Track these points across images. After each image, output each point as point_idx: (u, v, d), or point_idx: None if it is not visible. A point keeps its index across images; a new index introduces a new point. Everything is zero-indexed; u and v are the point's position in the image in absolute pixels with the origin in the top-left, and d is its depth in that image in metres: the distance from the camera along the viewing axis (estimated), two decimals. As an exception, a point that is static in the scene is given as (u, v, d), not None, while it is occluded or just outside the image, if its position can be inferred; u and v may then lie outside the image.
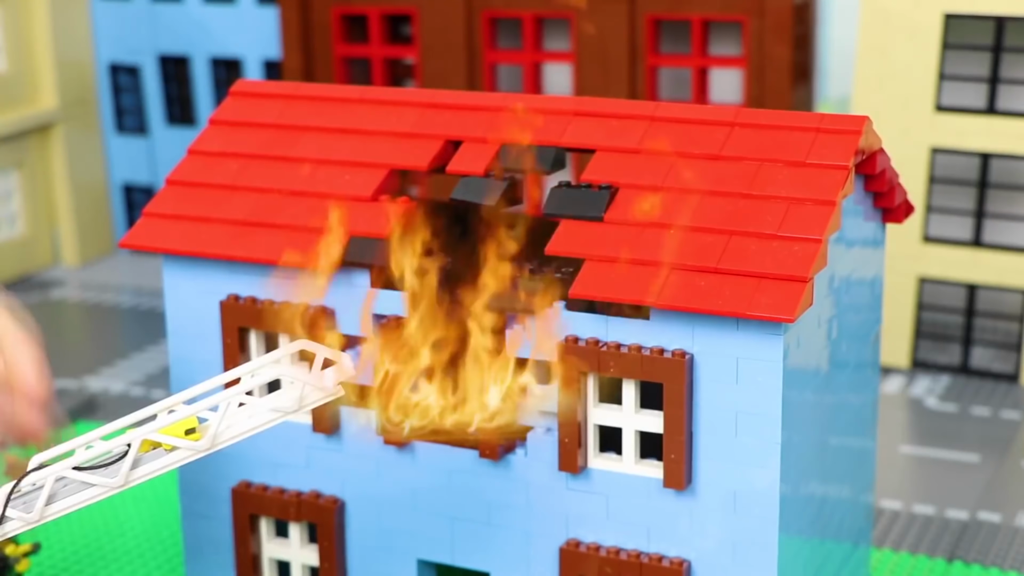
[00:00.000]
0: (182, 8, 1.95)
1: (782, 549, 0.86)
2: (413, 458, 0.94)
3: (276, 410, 0.72)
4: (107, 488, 0.71)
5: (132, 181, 2.05)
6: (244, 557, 1.00)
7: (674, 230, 0.85)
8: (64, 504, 0.71)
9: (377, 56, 1.81)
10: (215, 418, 0.71)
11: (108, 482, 0.70)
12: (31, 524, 0.71)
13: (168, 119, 2.01)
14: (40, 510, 0.70)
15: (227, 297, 0.96)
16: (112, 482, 0.71)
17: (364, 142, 0.97)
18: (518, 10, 1.72)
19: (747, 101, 1.63)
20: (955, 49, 1.53)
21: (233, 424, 0.72)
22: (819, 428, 0.91)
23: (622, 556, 0.89)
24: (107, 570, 1.17)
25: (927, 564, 1.16)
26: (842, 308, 0.93)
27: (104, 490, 0.71)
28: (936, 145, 1.55)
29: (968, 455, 1.37)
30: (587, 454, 0.89)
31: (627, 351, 0.85)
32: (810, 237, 0.83)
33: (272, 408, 0.72)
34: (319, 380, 0.72)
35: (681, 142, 0.90)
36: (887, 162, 0.94)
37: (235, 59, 1.94)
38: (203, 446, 0.71)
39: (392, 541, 0.96)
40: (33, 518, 0.70)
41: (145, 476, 0.71)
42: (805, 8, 1.65)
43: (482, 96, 0.98)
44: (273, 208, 0.96)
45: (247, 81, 1.05)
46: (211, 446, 0.71)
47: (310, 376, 0.72)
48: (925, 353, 1.60)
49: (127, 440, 0.71)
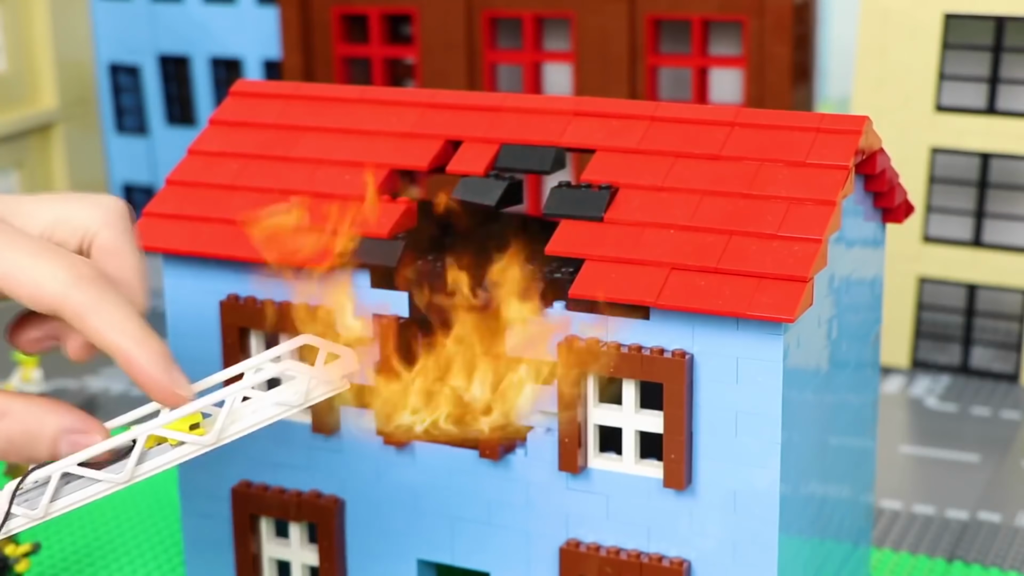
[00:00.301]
0: (182, 8, 1.95)
1: (782, 549, 0.86)
2: (413, 458, 0.94)
3: (281, 404, 0.72)
4: (112, 484, 0.71)
5: (132, 181, 2.05)
6: (244, 557, 1.00)
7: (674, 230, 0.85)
8: (69, 500, 0.71)
9: (377, 56, 1.81)
10: (220, 412, 0.71)
11: (113, 478, 0.71)
12: (36, 520, 0.71)
13: (168, 119, 2.01)
14: (45, 506, 0.70)
15: (227, 297, 0.96)
16: (117, 478, 0.71)
17: (364, 142, 0.97)
18: (518, 10, 1.72)
19: (747, 101, 1.63)
20: (955, 49, 1.53)
21: (238, 419, 0.72)
22: (819, 428, 0.91)
23: (622, 556, 0.89)
24: (107, 570, 1.17)
25: (927, 564, 1.16)
26: (842, 308, 0.93)
27: (109, 486, 0.71)
28: (936, 145, 1.55)
29: (968, 455, 1.37)
30: (587, 454, 0.89)
31: (627, 351, 0.85)
32: (810, 237, 0.83)
33: (277, 402, 0.72)
34: (324, 373, 0.72)
35: (681, 142, 0.90)
36: (887, 162, 0.94)
37: (235, 59, 1.94)
38: (208, 440, 0.71)
39: (392, 541, 0.96)
40: (38, 515, 0.70)
41: (150, 471, 0.71)
42: (805, 8, 1.65)
43: (482, 96, 0.98)
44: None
45: (247, 81, 1.05)
46: (216, 440, 0.71)
47: (315, 370, 0.72)
48: (925, 353, 1.60)
49: (132, 436, 0.71)
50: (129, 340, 0.70)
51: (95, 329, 0.70)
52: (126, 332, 0.71)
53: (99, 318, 0.70)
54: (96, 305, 0.70)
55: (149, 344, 0.71)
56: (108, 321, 0.70)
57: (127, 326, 0.71)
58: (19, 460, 0.72)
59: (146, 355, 0.71)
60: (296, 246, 0.86)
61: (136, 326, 0.71)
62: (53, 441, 0.71)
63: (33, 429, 0.71)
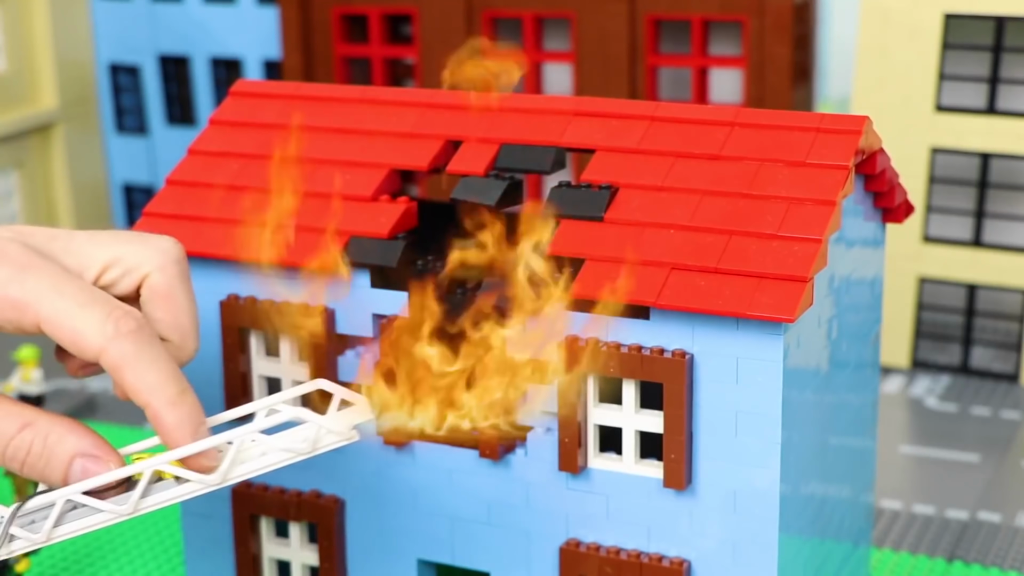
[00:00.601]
0: (182, 8, 1.95)
1: (782, 549, 0.86)
2: (413, 458, 0.94)
3: (288, 451, 0.72)
4: (116, 515, 0.71)
5: (132, 181, 2.05)
6: (244, 557, 1.00)
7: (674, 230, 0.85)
8: (72, 527, 0.71)
9: (377, 56, 1.81)
10: (228, 454, 0.71)
11: (117, 509, 0.71)
12: (37, 544, 0.71)
13: (168, 119, 2.01)
14: (48, 531, 0.71)
15: (227, 297, 0.96)
16: (121, 509, 0.71)
17: (364, 142, 0.97)
18: (518, 10, 1.72)
19: (747, 101, 1.63)
20: (955, 49, 1.53)
21: (245, 460, 0.72)
22: (819, 428, 0.91)
23: (622, 556, 0.89)
24: (107, 570, 1.17)
25: (927, 564, 1.16)
26: (842, 308, 0.93)
27: (112, 516, 0.71)
28: (936, 145, 1.55)
29: (968, 455, 1.37)
30: (587, 454, 0.89)
31: (627, 351, 0.85)
32: (810, 237, 0.83)
33: (284, 448, 0.72)
34: (335, 423, 0.72)
35: (681, 142, 0.90)
36: (887, 162, 0.94)
37: (235, 59, 1.94)
38: (214, 480, 0.71)
39: (392, 541, 0.96)
40: (40, 539, 0.71)
41: (154, 506, 0.72)
42: (805, 8, 1.65)
43: (482, 96, 0.98)
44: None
45: (247, 81, 1.05)
46: (222, 481, 0.72)
47: (325, 419, 0.72)
48: (925, 353, 1.60)
49: (139, 469, 0.71)
50: (160, 400, 0.71)
51: (130, 384, 0.71)
52: (158, 391, 0.71)
53: (134, 374, 0.71)
54: (134, 361, 0.71)
55: (180, 408, 0.71)
56: (143, 379, 0.71)
57: (162, 385, 0.71)
58: (31, 475, 0.72)
59: (175, 418, 0.71)
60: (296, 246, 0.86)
61: (170, 386, 0.71)
62: (68, 462, 0.71)
63: (52, 445, 0.71)
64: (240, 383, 0.97)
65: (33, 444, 0.71)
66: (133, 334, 0.71)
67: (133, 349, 0.71)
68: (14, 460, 0.71)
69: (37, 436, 0.71)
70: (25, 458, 0.71)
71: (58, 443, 0.71)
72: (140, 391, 0.71)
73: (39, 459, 0.71)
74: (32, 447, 0.71)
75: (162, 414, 0.71)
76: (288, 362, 0.96)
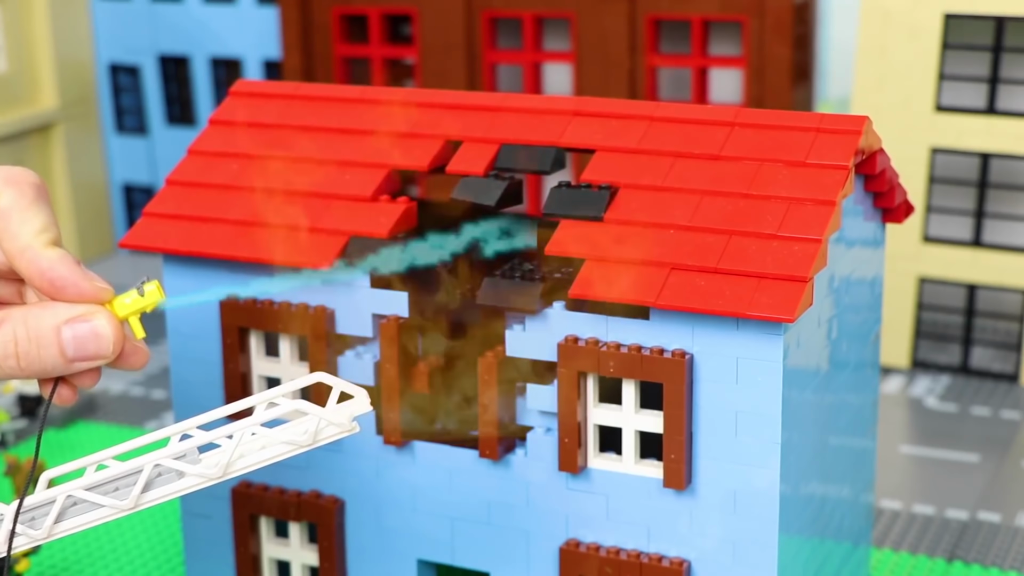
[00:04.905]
0: (182, 8, 1.95)
1: (782, 549, 0.86)
2: (413, 458, 0.94)
3: (289, 443, 0.72)
4: (117, 510, 0.71)
5: (132, 181, 2.05)
6: (244, 557, 1.00)
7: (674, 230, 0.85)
8: (73, 523, 0.71)
9: (377, 56, 1.81)
10: (228, 447, 0.71)
11: (118, 504, 0.71)
12: (38, 541, 0.71)
13: (168, 119, 2.01)
14: (48, 528, 0.71)
15: (227, 297, 0.96)
16: (122, 504, 0.71)
17: (364, 142, 0.97)
18: (518, 10, 1.72)
19: (747, 101, 1.63)
20: (955, 49, 1.53)
21: (246, 453, 0.72)
22: (819, 428, 0.91)
23: (622, 556, 0.89)
24: (107, 570, 1.17)
25: (927, 564, 1.16)
26: (842, 308, 0.93)
27: (114, 512, 0.71)
28: (936, 145, 1.55)
29: (968, 455, 1.37)
30: (587, 454, 0.89)
31: (627, 351, 0.85)
32: (810, 237, 0.83)
33: (285, 441, 0.72)
34: (335, 415, 0.72)
35: (681, 142, 0.90)
36: (887, 162, 0.94)
37: (235, 59, 1.94)
38: (214, 474, 0.71)
39: (392, 541, 0.96)
40: (41, 535, 0.71)
41: (155, 500, 0.72)
42: (805, 8, 1.65)
43: (482, 96, 0.98)
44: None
45: (247, 81, 1.05)
46: (223, 475, 0.72)
47: (326, 411, 0.72)
48: (925, 353, 1.60)
49: (140, 464, 0.71)
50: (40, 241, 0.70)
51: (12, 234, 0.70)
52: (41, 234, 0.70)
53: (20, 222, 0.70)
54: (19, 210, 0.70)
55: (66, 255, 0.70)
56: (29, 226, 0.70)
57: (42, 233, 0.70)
58: (31, 370, 0.69)
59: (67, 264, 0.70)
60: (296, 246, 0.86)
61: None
62: (57, 334, 0.69)
63: (33, 327, 0.69)
64: (240, 383, 0.97)
65: (16, 333, 0.69)
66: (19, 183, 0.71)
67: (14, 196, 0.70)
68: (8, 359, 0.69)
69: (17, 325, 0.69)
70: (16, 350, 0.69)
71: (37, 322, 0.69)
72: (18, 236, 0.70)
73: (30, 345, 0.69)
74: (17, 336, 0.69)
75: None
76: (288, 362, 0.96)
